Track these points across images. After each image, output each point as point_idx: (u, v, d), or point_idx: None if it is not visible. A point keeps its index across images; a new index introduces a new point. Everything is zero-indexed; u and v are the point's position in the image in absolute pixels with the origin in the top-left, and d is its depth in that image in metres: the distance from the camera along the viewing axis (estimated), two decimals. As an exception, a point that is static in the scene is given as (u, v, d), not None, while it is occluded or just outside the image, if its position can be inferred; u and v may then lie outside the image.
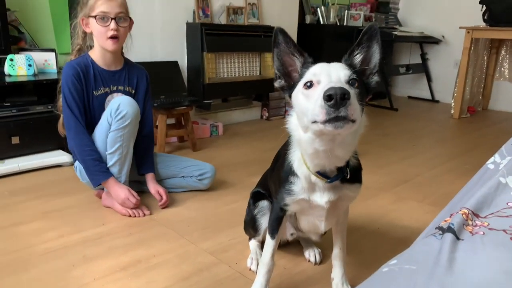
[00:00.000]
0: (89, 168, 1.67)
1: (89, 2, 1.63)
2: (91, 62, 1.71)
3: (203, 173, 1.92)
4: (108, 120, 1.64)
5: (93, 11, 1.62)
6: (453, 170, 2.43)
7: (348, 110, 0.79)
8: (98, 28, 1.63)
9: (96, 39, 1.69)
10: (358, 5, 4.58)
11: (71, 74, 1.65)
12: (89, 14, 1.63)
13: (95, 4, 1.61)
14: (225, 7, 3.08)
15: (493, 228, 0.70)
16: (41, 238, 1.51)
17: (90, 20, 1.64)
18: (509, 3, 3.51)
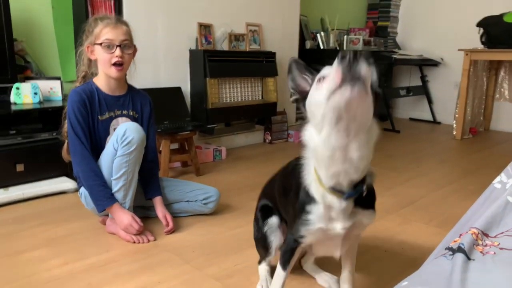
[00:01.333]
0: (94, 194, 1.68)
1: (94, 30, 1.66)
2: (96, 89, 1.74)
3: (208, 197, 1.92)
4: (114, 146, 1.65)
5: (99, 38, 1.65)
6: (458, 191, 2.42)
7: (361, 70, 0.80)
8: (103, 55, 1.67)
9: (100, 66, 1.72)
10: (357, 29, 4.67)
11: (77, 100, 1.68)
12: (94, 41, 1.67)
13: (100, 32, 1.65)
14: (227, 34, 3.14)
15: (504, 247, 0.69)
16: (45, 266, 1.50)
17: (96, 47, 1.68)
18: (505, 26, 3.57)
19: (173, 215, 1.86)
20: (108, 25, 1.66)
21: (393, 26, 5.11)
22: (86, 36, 1.70)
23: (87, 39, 1.70)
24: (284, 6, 3.62)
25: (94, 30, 1.66)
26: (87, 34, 1.70)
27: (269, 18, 3.51)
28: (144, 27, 2.72)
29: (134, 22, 2.63)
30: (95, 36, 1.66)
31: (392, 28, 5.10)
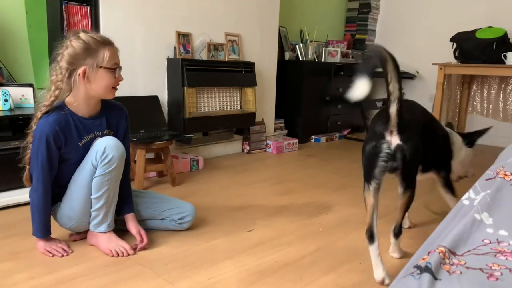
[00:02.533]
0: (36, 222, 1.65)
1: (100, 53, 1.53)
2: (70, 115, 1.59)
3: (183, 217, 1.86)
4: (93, 163, 1.58)
5: (107, 62, 1.55)
6: (432, 203, 2.46)
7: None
8: (108, 80, 1.57)
9: (97, 90, 1.58)
10: (335, 42, 4.74)
11: (49, 133, 1.53)
12: (100, 65, 1.54)
13: (108, 55, 1.54)
14: (205, 43, 3.14)
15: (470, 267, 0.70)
16: (10, 280, 1.44)
17: (100, 71, 1.54)
18: (477, 42, 3.68)
19: (146, 231, 1.82)
20: (113, 48, 1.58)
21: (370, 39, 5.21)
22: (83, 57, 1.52)
23: (85, 60, 1.53)
24: (263, 17, 3.64)
25: (99, 52, 1.53)
26: (85, 56, 1.52)
27: (248, 29, 3.52)
28: (121, 35, 2.69)
29: (111, 29, 2.61)
30: (102, 59, 1.54)
31: (369, 41, 5.20)
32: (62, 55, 1.54)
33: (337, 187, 2.70)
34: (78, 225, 1.72)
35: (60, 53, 1.55)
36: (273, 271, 1.58)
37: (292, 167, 3.22)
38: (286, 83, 4.10)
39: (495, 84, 4.30)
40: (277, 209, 2.25)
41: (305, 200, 2.43)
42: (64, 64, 1.53)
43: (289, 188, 2.66)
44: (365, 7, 5.11)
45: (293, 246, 1.80)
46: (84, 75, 1.54)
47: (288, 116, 4.16)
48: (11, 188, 2.19)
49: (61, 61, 1.54)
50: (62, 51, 1.54)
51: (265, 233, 1.93)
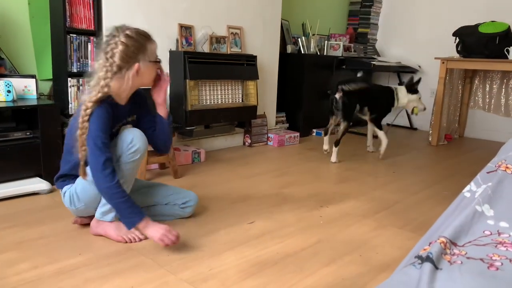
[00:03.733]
0: (122, 210, 1.60)
1: (148, 48, 1.62)
2: (111, 104, 1.64)
3: (186, 201, 1.90)
4: (118, 152, 1.63)
5: (153, 55, 1.65)
6: (433, 196, 2.47)
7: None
8: (154, 72, 1.68)
9: (142, 82, 1.67)
10: (337, 35, 4.72)
11: (104, 116, 1.57)
12: (150, 59, 1.63)
13: (154, 49, 1.65)
14: (208, 36, 3.13)
15: (471, 257, 0.70)
16: (13, 270, 1.46)
17: (148, 64, 1.63)
18: (480, 36, 3.67)
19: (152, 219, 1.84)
20: (155, 41, 1.66)
21: (373, 33, 5.19)
22: (135, 53, 1.58)
23: (137, 56, 1.59)
24: (265, 9, 3.63)
25: (148, 47, 1.62)
26: (133, 53, 1.57)
27: (250, 21, 3.51)
28: (123, 27, 2.68)
29: (113, 21, 2.60)
30: (150, 54, 1.63)
31: (371, 35, 5.18)
32: (113, 53, 1.56)
33: (337, 180, 2.71)
34: (84, 209, 1.73)
35: (110, 51, 1.56)
36: (273, 262, 1.59)
37: (293, 160, 3.22)
38: (287, 77, 4.10)
39: (497, 79, 4.29)
40: (278, 202, 2.26)
41: (306, 192, 2.44)
42: (117, 61, 1.56)
43: (290, 181, 2.67)
44: (367, 0, 5.08)
45: (293, 238, 1.82)
46: (138, 71, 1.61)
47: (289, 109, 4.16)
48: (14, 179, 2.21)
49: (113, 58, 1.56)
50: (112, 48, 1.56)
51: (266, 225, 1.94)
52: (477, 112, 4.53)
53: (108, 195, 1.59)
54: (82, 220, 1.81)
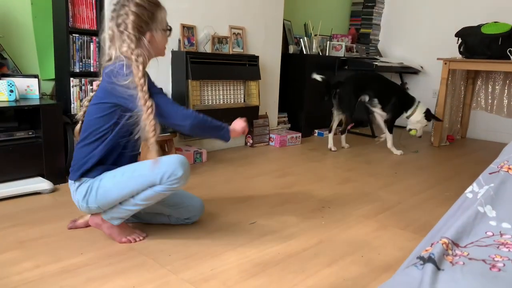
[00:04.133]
0: (215, 127, 1.65)
1: (158, 16, 1.55)
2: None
3: (192, 216, 1.85)
4: (158, 180, 1.53)
5: (164, 24, 1.59)
6: (434, 197, 2.47)
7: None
8: (164, 41, 1.62)
9: (156, 51, 1.61)
10: (339, 36, 4.72)
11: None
12: (161, 27, 1.57)
13: (164, 16, 1.59)
14: (210, 36, 3.13)
15: (473, 258, 0.70)
16: (16, 269, 1.46)
17: (160, 33, 1.57)
18: (483, 37, 3.66)
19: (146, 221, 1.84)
20: (164, 8, 1.60)
21: (375, 33, 5.19)
22: (146, 23, 1.52)
23: (149, 25, 1.53)
24: (268, 10, 3.63)
25: (157, 15, 1.55)
26: (145, 22, 1.51)
27: (253, 22, 3.51)
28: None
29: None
30: (160, 22, 1.56)
31: (374, 36, 5.18)
32: (125, 24, 1.49)
33: (339, 181, 2.71)
34: (94, 210, 1.64)
35: (121, 22, 1.50)
36: (275, 263, 1.59)
37: (295, 160, 3.22)
38: (289, 77, 4.10)
39: (500, 80, 4.28)
40: (279, 202, 2.26)
41: (308, 193, 2.44)
42: (132, 32, 1.50)
43: (292, 181, 2.67)
44: (370, 1, 5.08)
45: (295, 238, 1.82)
46: (151, 40, 1.55)
47: (291, 110, 4.16)
48: (16, 178, 2.22)
49: (128, 29, 1.49)
50: (123, 20, 1.49)
51: (268, 226, 1.94)
52: (479, 113, 4.52)
53: (201, 120, 1.58)
54: (79, 224, 1.79)
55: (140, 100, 1.47)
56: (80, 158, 1.59)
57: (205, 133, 1.64)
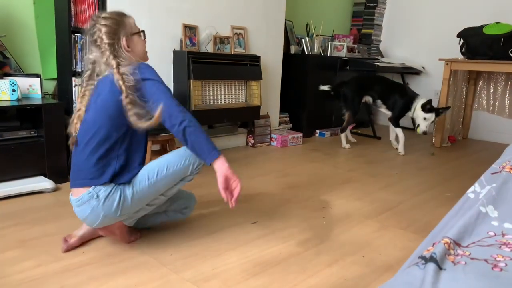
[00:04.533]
0: (204, 142, 1.54)
1: (127, 22, 1.62)
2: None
3: (188, 206, 1.85)
4: (190, 169, 1.65)
5: (135, 28, 1.64)
6: (436, 198, 2.47)
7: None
8: (141, 44, 1.66)
9: (136, 55, 1.63)
10: (341, 36, 4.72)
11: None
12: (132, 32, 1.62)
13: (132, 22, 1.64)
14: (212, 36, 3.14)
15: (475, 257, 0.70)
16: (17, 268, 1.46)
17: (134, 38, 1.62)
18: (485, 37, 3.66)
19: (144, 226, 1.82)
20: (131, 17, 1.66)
21: (376, 34, 5.19)
22: (115, 31, 1.57)
23: (120, 33, 1.58)
24: (269, 10, 3.63)
25: (126, 21, 1.61)
26: (116, 30, 1.57)
27: (254, 22, 3.52)
28: (128, 27, 2.69)
29: (118, 21, 2.61)
30: (131, 27, 1.62)
31: (375, 36, 5.18)
32: (100, 37, 1.56)
33: (340, 181, 2.71)
34: (117, 218, 1.57)
35: (96, 38, 1.56)
36: (276, 262, 1.59)
37: (296, 161, 3.22)
38: (291, 77, 4.10)
39: (502, 80, 4.28)
40: (281, 202, 2.26)
41: (309, 193, 2.44)
42: (106, 41, 1.55)
43: (293, 181, 2.67)
44: (372, 1, 5.08)
45: (296, 238, 1.82)
46: (126, 45, 1.59)
47: (292, 110, 4.16)
48: (18, 177, 2.22)
49: (103, 41, 1.55)
50: (97, 35, 1.56)
51: (269, 226, 1.94)
52: (481, 113, 4.51)
53: (196, 129, 1.52)
54: (74, 243, 1.63)
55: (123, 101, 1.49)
56: (95, 164, 1.51)
57: (198, 139, 1.53)
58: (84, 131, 1.54)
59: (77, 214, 1.56)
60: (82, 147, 1.53)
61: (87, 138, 1.53)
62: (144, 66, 1.57)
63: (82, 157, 1.53)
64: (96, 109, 1.54)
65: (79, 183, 1.53)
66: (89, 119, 1.55)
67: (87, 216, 1.52)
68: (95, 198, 1.49)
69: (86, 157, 1.51)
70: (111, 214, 1.52)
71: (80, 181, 1.52)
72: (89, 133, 1.53)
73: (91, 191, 1.50)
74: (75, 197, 1.54)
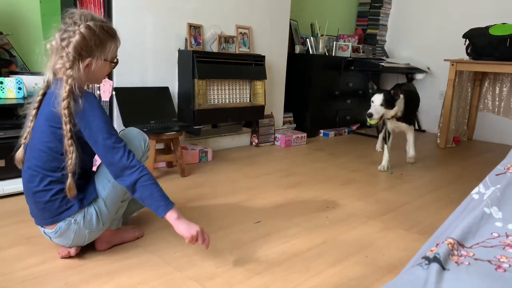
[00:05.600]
0: (155, 194, 1.42)
1: (107, 46, 1.45)
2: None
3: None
4: (140, 155, 1.65)
5: (111, 56, 1.49)
6: (440, 199, 2.46)
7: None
8: (106, 71, 1.51)
9: (90, 79, 1.51)
10: (346, 36, 4.71)
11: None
12: (105, 58, 1.46)
13: (113, 49, 1.48)
14: (216, 35, 3.14)
15: (479, 258, 0.70)
16: (22, 264, 1.47)
17: (102, 63, 1.46)
18: (491, 38, 3.64)
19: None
20: (118, 41, 1.50)
21: (381, 34, 5.17)
22: (93, 48, 1.41)
23: (96, 51, 1.42)
24: (274, 9, 3.63)
25: (107, 44, 1.45)
26: (90, 48, 1.41)
27: (259, 21, 3.52)
28: (132, 25, 2.70)
29: (123, 19, 2.63)
30: (108, 54, 1.46)
31: (380, 36, 5.16)
32: (69, 41, 1.38)
33: (344, 182, 2.71)
34: (105, 227, 1.56)
35: (66, 38, 1.39)
36: (279, 262, 1.59)
37: (300, 160, 3.22)
38: (295, 77, 4.09)
39: (508, 81, 4.26)
40: (284, 202, 2.26)
41: (313, 193, 2.44)
42: (71, 52, 1.38)
43: (296, 181, 2.67)
44: (377, 1, 5.07)
45: (300, 238, 1.82)
46: (88, 66, 1.44)
47: (297, 109, 4.16)
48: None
49: (68, 47, 1.38)
50: (69, 36, 1.39)
51: (273, 225, 1.94)
52: (486, 114, 4.49)
53: (140, 183, 1.40)
54: (72, 252, 1.55)
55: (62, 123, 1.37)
56: (48, 194, 1.44)
57: (142, 192, 1.41)
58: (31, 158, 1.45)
59: (60, 242, 1.51)
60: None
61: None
62: (93, 97, 1.43)
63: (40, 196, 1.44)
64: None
65: (49, 221, 1.46)
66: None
67: (72, 240, 1.49)
68: (73, 223, 1.46)
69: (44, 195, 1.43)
70: (95, 228, 1.50)
71: (50, 219, 1.46)
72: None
73: (67, 220, 1.45)
74: (51, 229, 1.47)
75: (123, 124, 2.54)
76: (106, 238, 1.60)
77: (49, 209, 1.44)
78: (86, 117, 1.39)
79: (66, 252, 1.53)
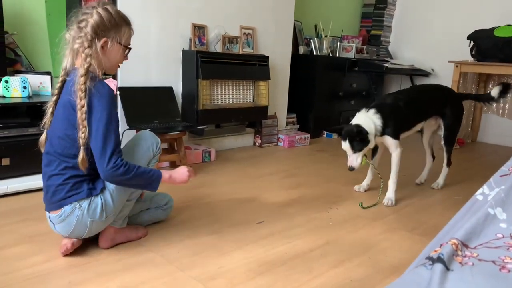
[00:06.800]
0: (145, 175, 1.51)
1: (122, 29, 1.50)
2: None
3: (167, 202, 1.85)
4: (152, 153, 1.68)
5: (125, 40, 1.53)
6: (444, 200, 2.45)
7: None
8: (119, 57, 1.54)
9: (107, 63, 1.52)
10: (350, 37, 4.70)
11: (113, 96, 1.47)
12: (120, 41, 1.50)
13: (128, 34, 1.53)
14: (220, 36, 3.15)
15: (483, 259, 0.70)
16: (25, 263, 1.48)
17: (117, 46, 1.50)
18: (495, 40, 3.63)
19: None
20: (132, 29, 1.56)
21: (386, 35, 5.16)
22: (107, 29, 1.46)
23: (109, 32, 1.46)
24: (278, 10, 3.63)
25: (122, 28, 1.50)
26: (108, 27, 1.46)
27: (263, 22, 3.52)
28: (137, 25, 2.67)
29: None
30: (123, 36, 1.51)
31: (384, 37, 5.15)
32: (87, 21, 1.43)
33: (347, 182, 2.70)
34: (107, 222, 1.58)
35: (84, 19, 1.44)
36: (282, 262, 1.59)
37: (303, 161, 3.22)
38: (299, 78, 4.09)
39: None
40: (287, 202, 2.26)
41: (315, 194, 2.43)
42: (89, 31, 1.43)
43: (299, 182, 2.67)
44: (381, 2, 5.06)
45: (302, 238, 1.81)
46: (104, 46, 1.47)
47: (300, 110, 4.16)
48: (28, 174, 2.24)
49: (87, 27, 1.43)
50: (87, 17, 1.44)
51: (275, 225, 1.94)
52: (490, 116, 4.47)
53: (133, 174, 1.46)
54: (74, 244, 1.56)
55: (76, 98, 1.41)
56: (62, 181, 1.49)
57: (134, 179, 1.48)
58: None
59: (61, 230, 1.52)
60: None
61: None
62: (107, 87, 1.46)
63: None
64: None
65: (57, 205, 1.49)
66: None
67: (73, 227, 1.50)
68: (78, 208, 1.48)
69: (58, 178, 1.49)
70: (98, 218, 1.51)
71: (57, 203, 1.49)
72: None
73: (73, 204, 1.48)
74: (56, 214, 1.50)
75: (127, 123, 2.55)
76: (110, 236, 1.61)
77: (59, 192, 1.48)
78: (93, 106, 1.43)
79: (64, 248, 1.52)
